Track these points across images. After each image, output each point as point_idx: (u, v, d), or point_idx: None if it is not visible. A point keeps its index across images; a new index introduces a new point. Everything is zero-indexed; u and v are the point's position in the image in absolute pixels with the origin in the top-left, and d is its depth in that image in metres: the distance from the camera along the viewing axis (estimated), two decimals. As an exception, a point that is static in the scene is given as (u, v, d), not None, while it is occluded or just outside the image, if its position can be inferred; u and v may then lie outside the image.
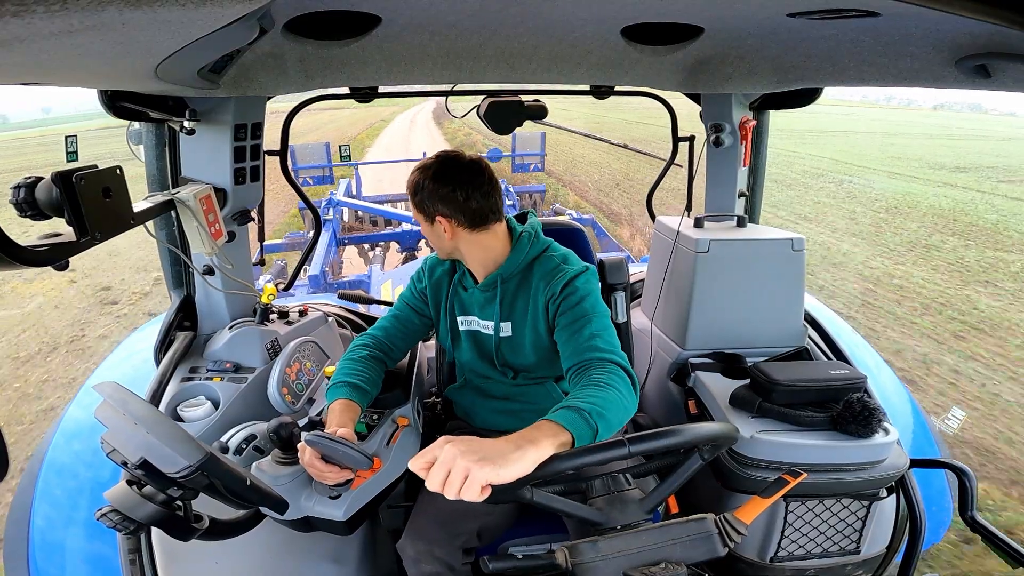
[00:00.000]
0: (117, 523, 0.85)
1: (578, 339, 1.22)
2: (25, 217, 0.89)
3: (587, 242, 1.86)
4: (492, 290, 1.39)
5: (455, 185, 1.29)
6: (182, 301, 1.71)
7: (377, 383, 1.37)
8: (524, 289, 1.38)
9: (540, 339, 1.38)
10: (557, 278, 1.32)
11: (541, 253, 1.39)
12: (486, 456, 0.79)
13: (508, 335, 1.41)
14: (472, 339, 1.47)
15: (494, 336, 1.42)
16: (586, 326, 1.24)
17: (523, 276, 1.38)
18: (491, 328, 1.42)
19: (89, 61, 0.73)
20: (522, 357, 1.42)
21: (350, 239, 6.35)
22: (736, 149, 1.96)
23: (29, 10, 0.40)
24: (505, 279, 1.38)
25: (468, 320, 1.47)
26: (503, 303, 1.39)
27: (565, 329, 1.27)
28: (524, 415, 1.47)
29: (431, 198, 1.30)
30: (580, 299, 1.28)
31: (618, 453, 0.87)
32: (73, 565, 1.43)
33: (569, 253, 1.41)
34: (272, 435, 1.14)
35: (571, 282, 1.30)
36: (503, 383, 1.49)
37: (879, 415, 1.38)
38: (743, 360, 1.71)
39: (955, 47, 0.94)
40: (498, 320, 1.40)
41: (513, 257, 1.37)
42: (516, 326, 1.40)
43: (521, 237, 1.39)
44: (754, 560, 1.49)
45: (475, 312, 1.45)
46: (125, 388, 0.90)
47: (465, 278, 1.45)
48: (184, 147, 1.58)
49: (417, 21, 1.16)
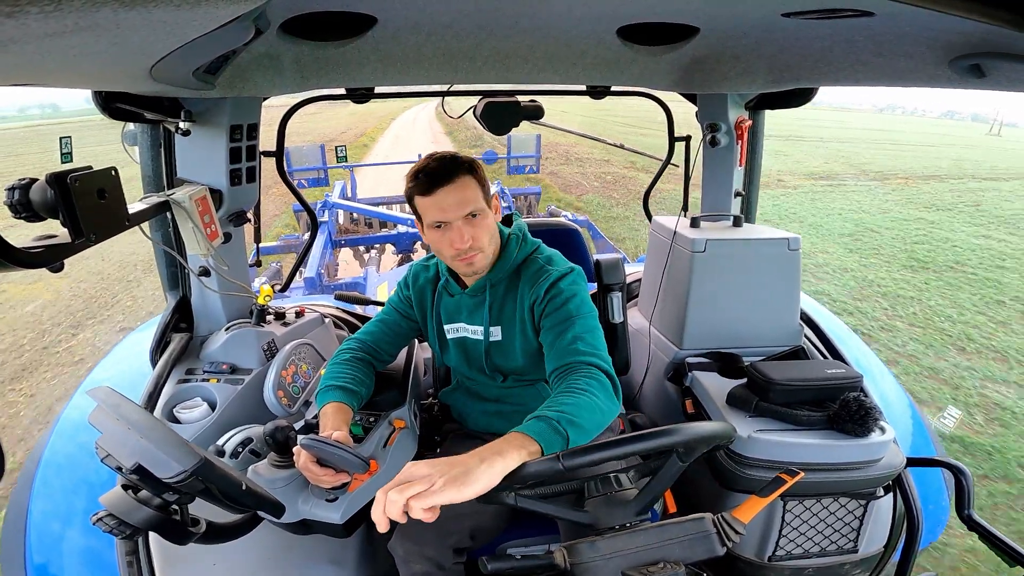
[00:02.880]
0: (113, 528, 0.85)
1: (561, 342, 1.22)
2: (19, 218, 0.89)
3: (582, 242, 1.86)
4: (480, 295, 1.39)
5: None
6: (178, 302, 1.71)
7: (366, 383, 1.36)
8: (512, 293, 1.37)
9: (529, 343, 1.37)
10: (542, 280, 1.32)
11: (528, 256, 1.39)
12: (450, 476, 0.82)
13: (498, 339, 1.40)
14: (460, 345, 1.46)
15: (484, 341, 1.40)
16: (569, 329, 1.23)
17: (511, 280, 1.38)
18: (480, 333, 1.41)
19: (84, 62, 0.73)
20: (512, 361, 1.41)
21: (346, 241, 6.34)
22: (732, 149, 1.97)
23: (23, 11, 0.40)
24: (494, 284, 1.37)
25: (455, 327, 1.45)
26: (492, 308, 1.38)
27: (549, 332, 1.27)
28: (516, 417, 1.45)
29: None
30: (564, 301, 1.28)
31: (551, 467, 0.87)
32: (70, 565, 1.43)
33: (555, 254, 1.40)
34: (268, 438, 1.13)
35: (555, 284, 1.30)
36: (493, 386, 1.48)
37: (875, 414, 1.38)
38: (740, 359, 1.71)
39: (949, 47, 0.94)
40: (487, 325, 1.39)
41: (502, 261, 1.36)
42: (505, 330, 1.39)
43: (509, 241, 1.38)
44: (752, 559, 1.50)
45: (462, 318, 1.43)
46: (119, 393, 0.89)
47: (450, 284, 1.42)
48: (179, 148, 1.57)
49: (413, 22, 1.16)
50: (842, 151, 21.15)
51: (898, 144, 25.90)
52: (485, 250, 1.29)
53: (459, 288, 1.42)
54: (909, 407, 2.07)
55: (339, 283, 5.05)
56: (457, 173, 1.23)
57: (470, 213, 1.24)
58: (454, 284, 1.42)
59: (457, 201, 1.23)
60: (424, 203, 1.25)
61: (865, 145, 24.33)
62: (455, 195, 1.23)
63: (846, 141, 25.65)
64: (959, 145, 27.11)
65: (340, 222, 6.72)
